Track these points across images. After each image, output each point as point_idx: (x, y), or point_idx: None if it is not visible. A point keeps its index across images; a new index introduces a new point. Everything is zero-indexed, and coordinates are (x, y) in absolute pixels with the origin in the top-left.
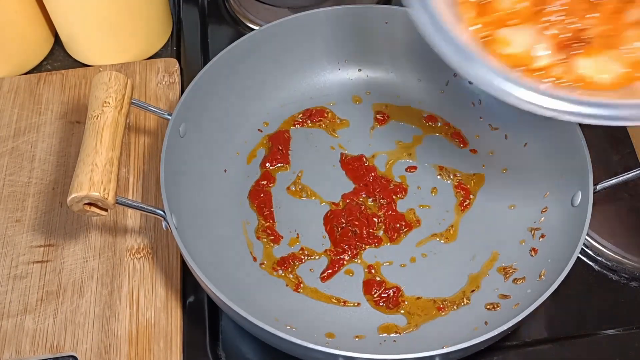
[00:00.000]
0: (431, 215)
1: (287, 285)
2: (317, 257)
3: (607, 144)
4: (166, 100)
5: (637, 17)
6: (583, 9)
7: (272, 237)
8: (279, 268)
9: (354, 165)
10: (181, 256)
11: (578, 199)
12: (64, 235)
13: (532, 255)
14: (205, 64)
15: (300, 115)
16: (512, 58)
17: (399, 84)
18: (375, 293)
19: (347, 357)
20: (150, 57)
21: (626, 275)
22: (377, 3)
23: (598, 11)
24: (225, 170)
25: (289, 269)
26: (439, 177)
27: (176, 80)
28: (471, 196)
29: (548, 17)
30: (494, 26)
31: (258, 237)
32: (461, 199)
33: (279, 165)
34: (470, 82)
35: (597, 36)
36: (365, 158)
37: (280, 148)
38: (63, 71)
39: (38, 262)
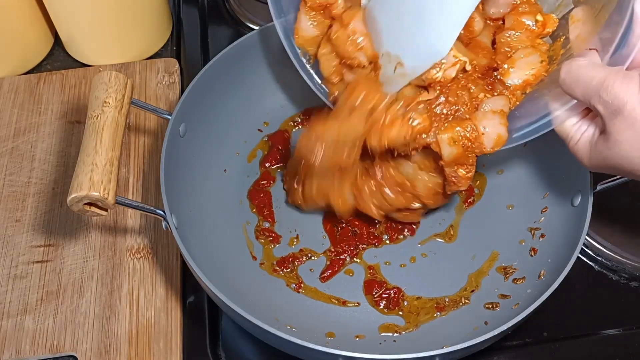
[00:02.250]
0: (431, 215)
1: (287, 285)
2: (316, 258)
3: None
4: (166, 100)
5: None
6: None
7: (272, 237)
8: (278, 268)
9: None
10: (181, 256)
11: (578, 199)
12: (64, 235)
13: (531, 255)
14: (205, 64)
15: (300, 115)
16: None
17: None
18: (376, 293)
19: (347, 357)
20: (150, 57)
21: (626, 275)
22: None
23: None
24: (225, 170)
25: (289, 269)
26: None
27: (176, 80)
28: (476, 191)
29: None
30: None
31: (258, 237)
32: (464, 197)
33: (279, 165)
34: None
35: (497, 59)
36: None
37: (280, 148)
38: (63, 71)
39: (38, 262)
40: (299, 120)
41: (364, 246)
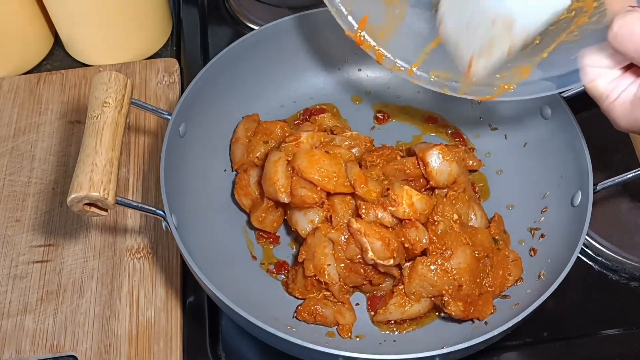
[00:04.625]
0: None
1: None
2: None
3: (607, 144)
4: (166, 100)
5: None
6: None
7: (272, 239)
8: (276, 272)
9: None
10: (181, 256)
11: (578, 199)
12: (64, 235)
13: (531, 255)
14: (205, 64)
15: (300, 115)
16: None
17: (399, 84)
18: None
19: (347, 357)
20: (150, 57)
21: (626, 275)
22: None
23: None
24: (225, 170)
25: (287, 271)
26: None
27: (176, 80)
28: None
29: None
30: None
31: (257, 238)
32: None
33: None
34: None
35: None
36: None
37: None
38: (63, 71)
39: (38, 262)
40: (299, 120)
41: None
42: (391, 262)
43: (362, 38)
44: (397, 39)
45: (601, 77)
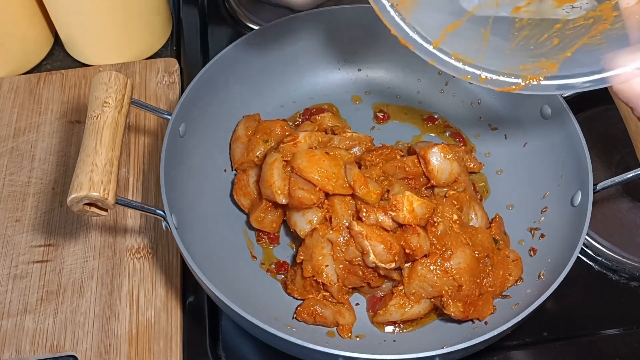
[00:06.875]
0: None
1: None
2: None
3: (607, 144)
4: (166, 100)
5: None
6: None
7: (271, 239)
8: (276, 272)
9: None
10: (181, 256)
11: (578, 199)
12: (64, 235)
13: (531, 255)
14: (205, 64)
15: (300, 115)
16: None
17: (399, 84)
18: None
19: (347, 357)
20: (150, 57)
21: (626, 275)
22: None
23: None
24: (225, 170)
25: (287, 271)
26: None
27: (176, 80)
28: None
29: None
30: None
31: (257, 238)
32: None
33: None
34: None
35: None
36: None
37: None
38: (63, 71)
39: (38, 261)
40: (299, 120)
41: None
42: (392, 265)
43: None
44: (418, 11)
45: (637, 78)
